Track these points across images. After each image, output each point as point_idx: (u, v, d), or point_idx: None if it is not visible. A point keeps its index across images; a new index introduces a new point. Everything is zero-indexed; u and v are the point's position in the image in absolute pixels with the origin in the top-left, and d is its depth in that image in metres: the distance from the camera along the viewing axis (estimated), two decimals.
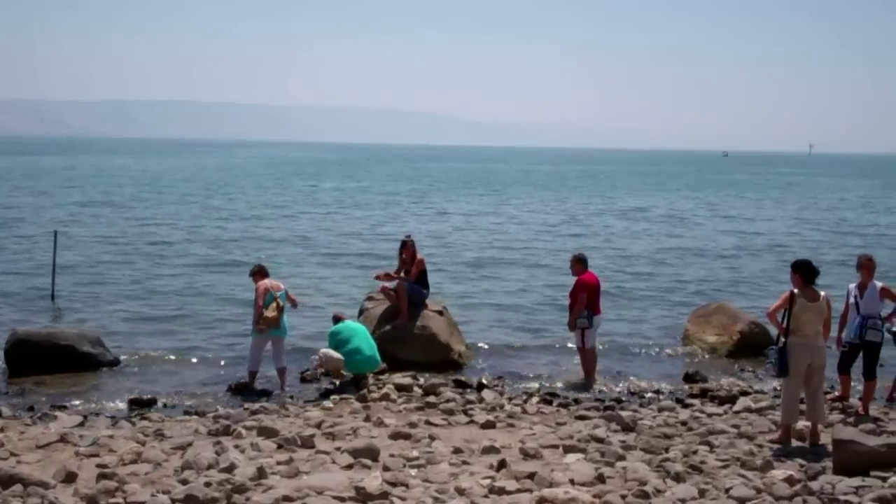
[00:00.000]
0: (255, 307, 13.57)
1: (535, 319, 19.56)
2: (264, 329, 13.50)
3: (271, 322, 13.50)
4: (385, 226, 39.64)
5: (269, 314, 13.48)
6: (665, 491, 8.50)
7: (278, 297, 13.59)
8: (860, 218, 51.70)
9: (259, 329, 13.50)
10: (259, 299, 13.50)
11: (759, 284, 25.10)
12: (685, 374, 14.72)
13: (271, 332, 13.57)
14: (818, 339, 10.60)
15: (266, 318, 13.46)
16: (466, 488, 8.46)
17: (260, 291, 13.56)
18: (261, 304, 13.47)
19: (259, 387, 13.55)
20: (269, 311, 13.49)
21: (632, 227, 42.69)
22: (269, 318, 13.47)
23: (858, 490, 8.48)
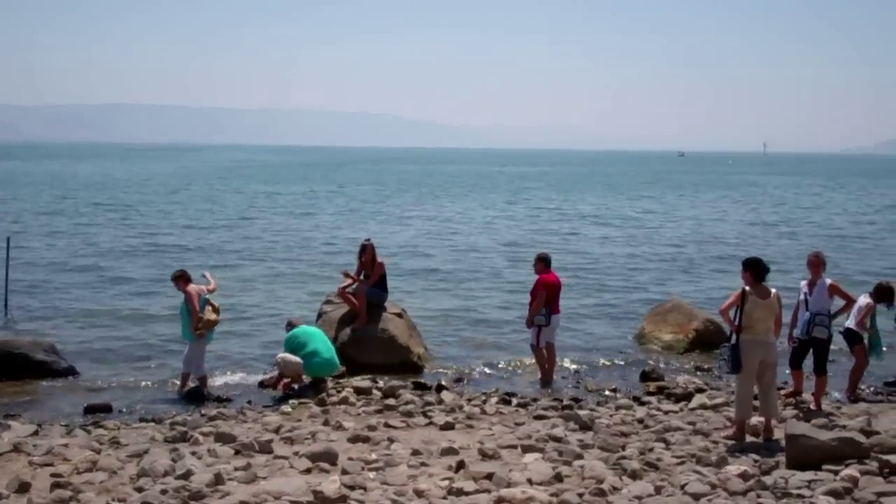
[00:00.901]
0: (192, 312, 13.38)
1: (493, 320, 19.62)
2: (204, 333, 13.40)
3: (212, 325, 13.43)
4: (342, 229, 39.57)
5: (210, 317, 13.39)
6: (622, 489, 8.57)
7: (211, 301, 13.52)
8: (811, 216, 52.46)
9: (199, 334, 13.38)
10: (195, 304, 13.36)
11: (712, 282, 25.37)
12: (642, 373, 14.86)
13: (209, 337, 13.55)
14: (770, 336, 10.75)
15: (207, 321, 13.35)
16: (425, 490, 8.48)
17: (193, 296, 13.41)
18: (197, 309, 13.35)
19: (215, 392, 13.48)
20: (210, 314, 13.40)
21: (588, 226, 43.05)
22: (210, 321, 13.38)
23: (811, 484, 8.60)
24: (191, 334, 13.47)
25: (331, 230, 39.17)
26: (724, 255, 31.70)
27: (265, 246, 32.72)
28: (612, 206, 59.29)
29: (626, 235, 39.22)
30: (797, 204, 64.30)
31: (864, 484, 8.50)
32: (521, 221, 45.58)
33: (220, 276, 14.27)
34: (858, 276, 24.68)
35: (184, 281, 13.62)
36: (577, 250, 32.94)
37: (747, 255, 12.63)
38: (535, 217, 48.56)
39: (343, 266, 18.40)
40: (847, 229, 43.53)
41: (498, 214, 49.88)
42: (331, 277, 22.98)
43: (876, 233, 41.73)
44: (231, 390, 13.75)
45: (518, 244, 34.41)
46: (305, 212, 48.88)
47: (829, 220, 49.68)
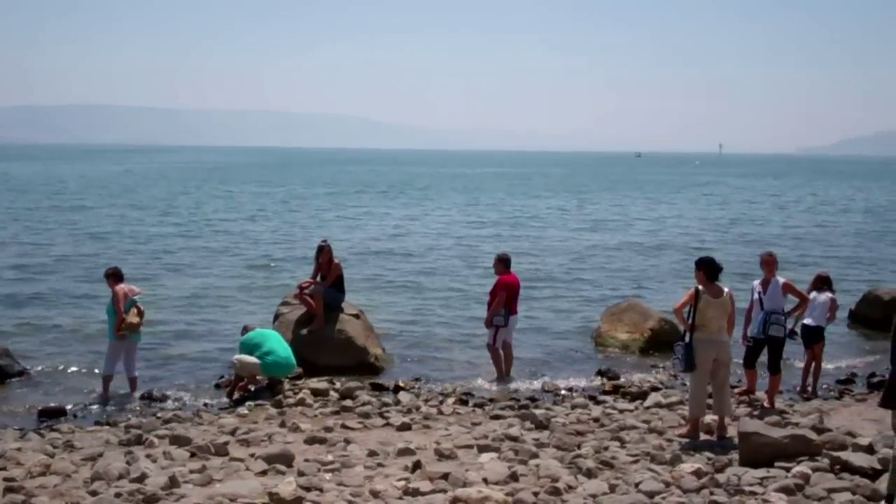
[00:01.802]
0: (117, 312, 13.25)
1: (451, 321, 19.65)
2: (125, 335, 13.27)
3: (134, 328, 13.30)
4: (301, 229, 39.43)
5: (132, 319, 13.25)
6: (577, 487, 8.62)
7: (139, 303, 13.37)
8: (763, 215, 53.06)
9: (120, 335, 13.25)
10: (120, 304, 13.22)
11: (667, 282, 25.59)
12: (598, 372, 14.97)
13: (130, 338, 13.39)
14: (723, 335, 10.87)
15: (129, 324, 13.22)
16: (381, 491, 8.48)
17: (120, 296, 13.28)
18: (122, 309, 13.22)
19: (171, 395, 13.38)
20: (132, 317, 13.26)
21: (546, 227, 43.22)
22: (133, 324, 13.25)
23: (763, 481, 8.71)
24: (113, 333, 13.36)
25: (287, 230, 38.99)
26: (679, 254, 31.98)
27: (222, 246, 32.52)
28: (569, 205, 59.63)
29: (583, 235, 39.44)
30: (751, 203, 65.04)
31: (816, 480, 8.62)
32: (479, 222, 45.62)
33: (174, 279, 14.12)
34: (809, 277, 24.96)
35: (114, 279, 13.49)
36: (535, 249, 33.06)
37: (701, 254, 12.78)
38: (492, 217, 48.62)
39: (297, 272, 18.31)
40: (799, 229, 44.08)
41: (453, 214, 49.94)
42: (284, 278, 22.95)
43: (826, 234, 42.26)
44: (187, 393, 13.65)
45: (474, 245, 34.46)
46: (257, 213, 48.63)
47: (775, 219, 50.27)
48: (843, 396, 13.63)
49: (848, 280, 25.51)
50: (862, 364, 16.07)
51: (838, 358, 16.50)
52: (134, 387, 13.52)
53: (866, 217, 53.03)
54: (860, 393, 13.80)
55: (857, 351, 17.36)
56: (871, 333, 18.67)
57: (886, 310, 18.98)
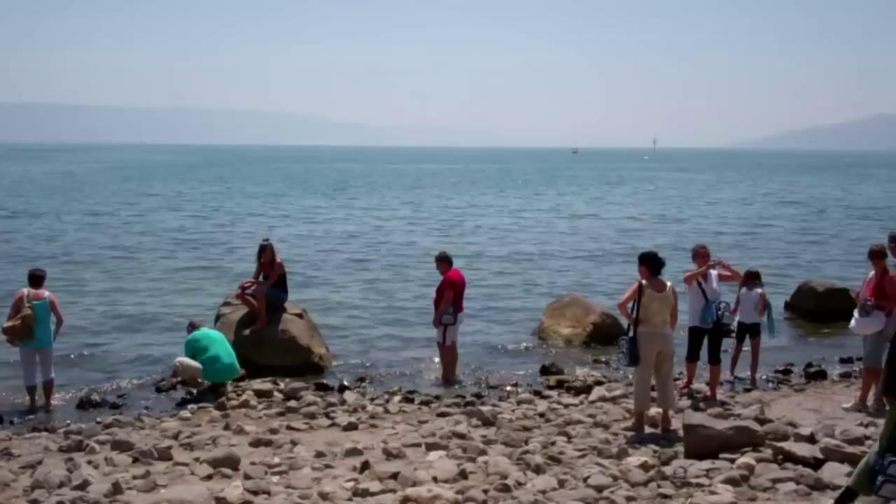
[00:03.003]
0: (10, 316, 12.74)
1: (394, 319, 19.60)
2: (12, 340, 12.72)
3: (15, 332, 12.58)
4: (243, 228, 39.04)
5: (9, 324, 12.62)
6: (526, 483, 8.63)
7: (29, 306, 12.61)
8: (697, 209, 53.83)
9: (7, 340, 12.79)
10: (14, 308, 12.70)
11: (607, 276, 25.82)
12: (542, 367, 15.02)
13: (24, 344, 12.67)
14: (666, 328, 10.97)
15: (7, 328, 12.64)
16: (329, 492, 8.41)
17: (14, 299, 12.84)
18: (14, 314, 12.65)
19: (111, 399, 13.15)
20: (11, 321, 12.61)
21: (483, 224, 43.32)
22: (8, 328, 12.60)
23: (709, 472, 8.80)
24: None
25: (229, 229, 38.60)
26: (619, 249, 32.30)
27: (160, 246, 32.08)
28: (508, 201, 59.91)
29: (524, 230, 39.67)
30: (686, 197, 65.94)
31: (760, 471, 8.74)
32: (419, 219, 45.61)
33: (110, 281, 13.86)
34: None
35: (31, 282, 12.91)
36: (476, 246, 33.14)
37: (642, 248, 12.88)
38: (433, 215, 48.65)
39: (238, 272, 18.12)
40: (729, 223, 44.77)
41: (393, 212, 49.90)
42: (223, 274, 22.72)
43: (758, 229, 42.96)
44: (127, 396, 13.42)
45: (418, 242, 34.43)
46: (210, 211, 48.08)
47: (707, 213, 51.03)
48: (782, 387, 13.84)
49: (783, 273, 25.99)
50: (798, 355, 16.33)
51: (775, 349, 16.76)
52: (48, 394, 12.95)
53: (799, 210, 54.02)
54: (798, 383, 14.02)
55: (793, 342, 17.64)
56: (806, 324, 19.03)
57: (820, 301, 19.39)
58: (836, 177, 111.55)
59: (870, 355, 11.89)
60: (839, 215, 49.91)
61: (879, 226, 39.88)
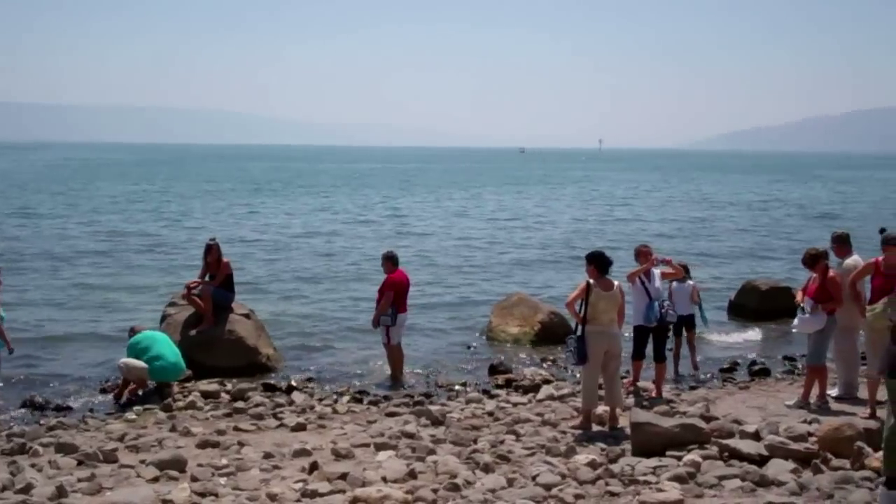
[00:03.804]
0: None
1: (342, 319, 19.53)
2: None
3: None
4: (188, 228, 38.64)
5: None
6: (475, 482, 8.65)
7: None
8: (637, 209, 54.35)
9: None
10: None
11: (554, 276, 25.97)
12: (490, 366, 15.05)
13: None
14: (613, 327, 11.06)
15: None
16: (278, 493, 8.36)
17: None
18: None
19: (54, 401, 12.93)
20: None
21: (430, 223, 43.36)
22: None
23: (656, 470, 8.88)
24: None
25: (169, 228, 38.20)
26: (564, 249, 32.51)
27: (105, 246, 31.64)
28: (455, 201, 60.03)
29: (471, 229, 39.76)
30: (631, 197, 66.59)
31: (706, 468, 8.85)
32: (367, 220, 45.53)
33: (53, 279, 13.60)
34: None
35: None
36: (424, 245, 33.17)
37: (588, 248, 12.97)
38: (380, 214, 48.61)
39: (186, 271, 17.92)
40: (671, 222, 45.28)
41: (341, 211, 49.74)
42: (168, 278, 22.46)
43: (698, 227, 43.50)
44: (71, 398, 13.20)
45: (364, 242, 34.34)
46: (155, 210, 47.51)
47: (649, 212, 51.58)
48: (727, 385, 14.01)
49: (726, 272, 26.32)
50: (742, 352, 16.55)
51: (720, 347, 17.00)
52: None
53: (741, 210, 54.78)
54: (742, 381, 14.20)
55: (737, 340, 17.85)
56: (749, 322, 19.26)
57: (764, 299, 19.67)
58: (780, 177, 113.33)
59: (812, 353, 12.08)
60: (781, 214, 50.73)
61: (823, 225, 40.55)
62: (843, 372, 12.40)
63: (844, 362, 12.38)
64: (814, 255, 12.09)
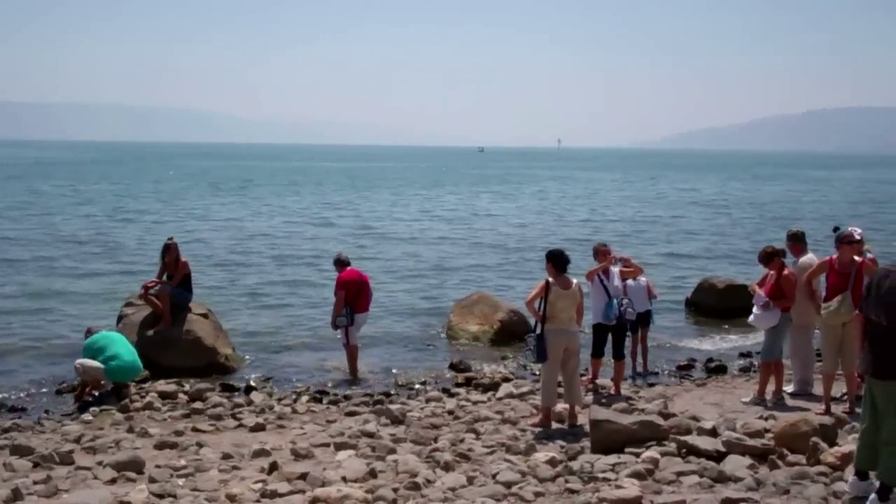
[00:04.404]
0: None
1: (300, 318, 19.45)
2: None
3: None
4: (141, 227, 38.29)
5: None
6: (435, 481, 8.63)
7: None
8: (596, 207, 54.67)
9: None
10: None
11: (514, 274, 26.05)
12: (450, 365, 15.09)
13: None
14: (572, 325, 11.10)
15: None
16: (237, 494, 8.30)
17: None
18: None
19: (9, 403, 12.77)
20: None
21: (389, 222, 43.31)
22: None
23: (615, 467, 8.91)
24: None
25: (148, 225, 37.84)
26: (524, 247, 32.60)
27: (59, 246, 31.25)
28: (409, 200, 60.01)
29: (431, 229, 39.76)
30: (590, 196, 66.96)
31: (665, 464, 8.90)
32: (324, 220, 45.36)
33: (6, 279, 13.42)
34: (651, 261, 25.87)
35: None
36: (385, 245, 33.13)
37: (547, 247, 13.02)
38: (337, 214, 48.46)
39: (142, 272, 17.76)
40: (629, 221, 45.62)
41: (299, 211, 49.54)
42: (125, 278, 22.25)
43: (655, 225, 43.84)
44: (26, 399, 13.04)
45: (322, 243, 34.20)
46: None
47: (608, 211, 51.92)
48: (684, 381, 14.14)
49: (684, 269, 26.54)
50: (699, 350, 16.71)
51: (677, 344, 17.14)
52: None
53: (699, 208, 55.28)
54: (699, 378, 14.34)
55: (694, 337, 18.03)
56: (706, 320, 19.46)
57: (720, 297, 19.86)
58: (736, 175, 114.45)
59: (766, 350, 12.24)
60: (739, 212, 51.25)
61: (778, 223, 40.96)
62: (799, 369, 12.55)
63: (800, 359, 12.53)
64: (769, 253, 12.23)
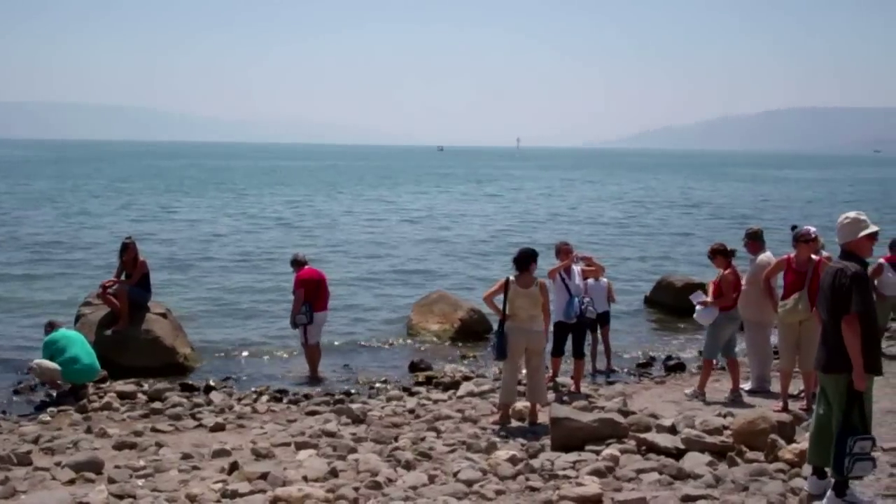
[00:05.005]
0: None
1: (260, 318, 19.37)
2: None
3: None
4: (95, 226, 37.90)
5: None
6: (396, 480, 8.63)
7: None
8: (551, 206, 54.91)
9: None
10: None
11: (477, 272, 26.09)
12: (411, 363, 15.09)
13: None
14: (534, 324, 11.09)
15: None
16: (198, 494, 8.24)
17: None
18: None
19: None
20: None
21: (350, 221, 43.21)
22: None
23: (576, 464, 8.97)
24: None
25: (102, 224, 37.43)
26: (486, 246, 32.67)
27: (31, 243, 30.89)
28: (369, 199, 59.92)
29: (392, 228, 39.73)
30: (550, 195, 67.25)
31: (625, 462, 8.97)
32: (278, 218, 45.14)
33: None
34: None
35: None
36: (346, 245, 33.05)
37: (509, 246, 13.05)
38: (295, 213, 48.26)
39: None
40: (587, 220, 45.90)
41: (258, 210, 49.28)
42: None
43: (615, 224, 44.12)
44: None
45: (283, 241, 34.04)
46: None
47: (568, 210, 52.17)
48: (643, 379, 14.26)
49: (643, 268, 26.74)
50: (658, 348, 16.86)
51: (636, 342, 17.28)
52: None
53: (656, 208, 55.70)
54: (658, 376, 14.48)
55: (652, 335, 18.19)
56: (665, 318, 19.63)
57: (679, 295, 20.01)
58: (694, 175, 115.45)
59: (705, 347, 12.61)
60: (697, 212, 51.71)
61: (737, 223, 41.35)
62: (756, 366, 12.70)
63: (757, 357, 12.68)
64: (713, 250, 12.47)
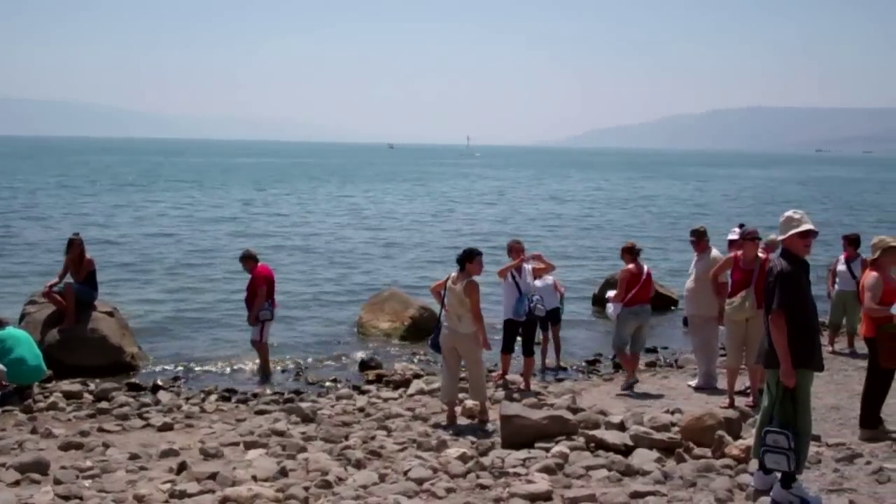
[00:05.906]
0: None
1: (207, 317, 19.20)
2: None
3: None
4: (41, 224, 37.34)
5: None
6: (347, 479, 8.62)
7: None
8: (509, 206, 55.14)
9: None
10: None
11: (427, 270, 26.11)
12: (361, 362, 15.08)
13: None
14: (459, 325, 10.81)
15: None
16: (146, 495, 8.16)
17: None
18: None
19: None
20: None
21: (298, 219, 43.05)
22: None
23: (526, 461, 9.01)
24: None
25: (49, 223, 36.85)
26: (436, 245, 32.73)
27: None
28: (318, 198, 59.71)
29: (341, 227, 39.63)
30: (501, 194, 67.51)
31: (574, 459, 9.03)
32: (221, 217, 44.82)
33: None
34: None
35: None
36: (293, 240, 32.90)
37: (457, 245, 13.09)
38: (241, 210, 47.96)
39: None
40: (539, 219, 46.14)
41: (194, 209, 48.89)
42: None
43: (565, 223, 44.43)
44: None
45: (224, 240, 33.73)
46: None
47: (521, 208, 52.42)
48: (592, 376, 14.37)
49: (593, 266, 26.94)
50: (606, 345, 16.95)
51: (584, 340, 17.41)
52: None
53: (605, 207, 56.17)
54: (607, 373, 14.61)
55: (601, 333, 18.30)
56: None
57: None
58: (642, 173, 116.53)
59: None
60: (643, 210, 52.20)
61: (686, 221, 41.78)
62: (703, 363, 12.86)
63: (704, 353, 12.83)
64: (623, 248, 13.01)
